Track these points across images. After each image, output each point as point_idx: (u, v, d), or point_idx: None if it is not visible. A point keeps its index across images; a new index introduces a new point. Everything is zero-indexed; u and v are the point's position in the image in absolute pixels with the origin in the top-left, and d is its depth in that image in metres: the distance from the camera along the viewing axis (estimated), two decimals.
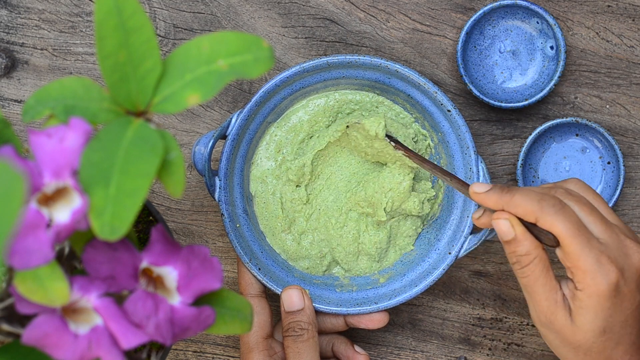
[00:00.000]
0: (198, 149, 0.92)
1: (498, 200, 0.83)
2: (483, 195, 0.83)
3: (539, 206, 0.80)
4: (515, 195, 0.82)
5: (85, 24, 1.00)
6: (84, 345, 0.68)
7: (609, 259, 0.79)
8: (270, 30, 1.00)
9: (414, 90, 0.95)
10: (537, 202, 0.80)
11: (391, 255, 0.99)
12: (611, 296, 0.80)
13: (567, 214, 0.80)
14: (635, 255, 0.81)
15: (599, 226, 0.81)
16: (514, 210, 0.82)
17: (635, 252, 0.81)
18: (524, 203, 0.81)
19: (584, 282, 0.80)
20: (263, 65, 0.70)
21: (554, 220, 0.80)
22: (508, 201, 0.82)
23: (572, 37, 1.00)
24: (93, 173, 0.66)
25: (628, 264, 0.80)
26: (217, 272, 0.72)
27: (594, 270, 0.79)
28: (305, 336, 0.93)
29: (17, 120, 1.00)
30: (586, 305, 0.80)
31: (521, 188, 0.83)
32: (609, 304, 0.80)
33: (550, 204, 0.80)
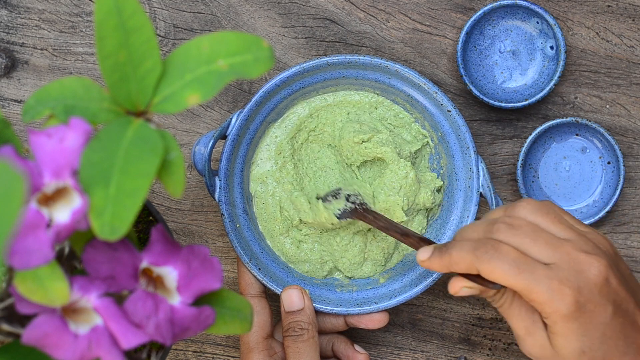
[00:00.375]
0: (198, 149, 0.92)
1: (441, 264, 0.83)
2: (427, 262, 0.84)
3: (474, 257, 0.80)
4: (453, 253, 0.81)
5: (85, 24, 1.00)
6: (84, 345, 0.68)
7: (560, 282, 0.78)
8: (270, 30, 1.00)
9: (414, 90, 0.95)
10: (472, 254, 0.80)
11: (395, 257, 0.99)
12: (575, 317, 0.78)
13: (502, 256, 0.79)
14: (590, 270, 0.79)
15: (545, 251, 0.80)
16: (457, 268, 0.82)
17: (590, 266, 0.79)
18: (461, 258, 0.81)
19: (545, 311, 0.79)
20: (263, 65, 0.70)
21: (491, 267, 0.79)
22: (449, 261, 0.82)
23: (572, 37, 1.00)
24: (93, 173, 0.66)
25: (584, 280, 0.79)
26: (217, 272, 0.72)
27: (548, 298, 0.78)
28: (305, 336, 0.93)
29: (17, 120, 1.00)
30: (556, 331, 0.80)
31: (457, 242, 0.82)
32: (577, 324, 0.79)
33: (483, 251, 0.80)
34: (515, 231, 0.80)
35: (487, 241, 0.80)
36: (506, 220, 0.81)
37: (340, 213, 0.93)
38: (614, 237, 1.01)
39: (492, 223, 0.82)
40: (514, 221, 0.81)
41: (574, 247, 0.80)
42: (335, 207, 0.93)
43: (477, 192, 0.95)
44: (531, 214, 0.82)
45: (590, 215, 0.99)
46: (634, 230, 1.01)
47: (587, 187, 1.00)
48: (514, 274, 0.79)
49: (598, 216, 0.98)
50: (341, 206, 0.93)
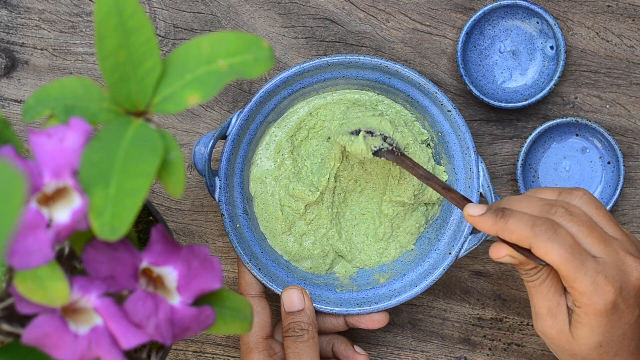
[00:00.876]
0: (198, 149, 0.92)
1: (492, 226, 0.82)
2: (477, 218, 0.83)
3: (532, 233, 0.80)
4: (509, 221, 0.81)
5: (85, 24, 1.00)
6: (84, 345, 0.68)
7: (606, 279, 0.80)
8: (270, 30, 1.00)
9: (414, 90, 0.95)
10: (530, 229, 0.80)
11: (392, 250, 0.99)
12: (608, 314, 0.80)
13: (560, 240, 0.80)
14: (634, 272, 0.81)
15: (597, 245, 0.81)
16: (508, 237, 0.81)
17: (634, 268, 0.81)
18: (518, 230, 0.81)
19: (581, 301, 0.80)
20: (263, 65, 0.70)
21: (547, 248, 0.80)
22: (502, 227, 0.81)
23: (572, 37, 1.00)
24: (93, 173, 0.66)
25: (626, 281, 0.81)
26: (217, 272, 0.72)
27: (590, 291, 0.80)
28: (306, 337, 0.93)
29: (17, 120, 1.00)
30: (583, 321, 0.81)
31: (516, 212, 0.82)
32: (606, 321, 0.81)
33: (542, 230, 0.80)
34: (573, 218, 0.81)
35: (547, 220, 0.80)
36: (564, 205, 0.82)
37: (376, 149, 0.92)
38: None
39: (550, 204, 0.82)
40: (572, 208, 0.82)
41: (621, 247, 0.82)
42: (371, 143, 0.93)
43: (477, 192, 0.95)
44: (586, 204, 0.83)
45: None
46: (634, 230, 1.01)
47: (587, 187, 1.00)
48: (566, 260, 0.79)
49: None
50: (377, 144, 0.92)
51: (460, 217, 0.96)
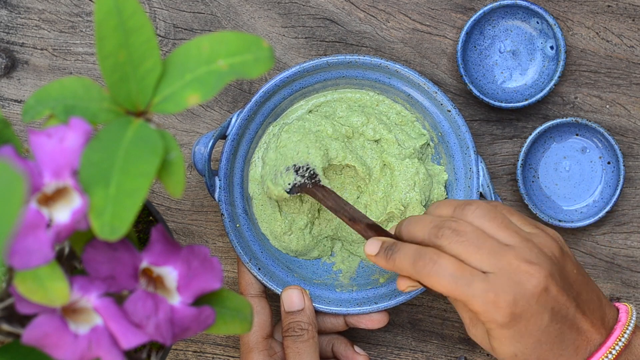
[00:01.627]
0: (198, 149, 0.92)
1: (385, 266, 0.85)
2: (374, 259, 0.86)
3: (414, 270, 0.82)
4: (396, 260, 0.84)
5: (85, 24, 1.00)
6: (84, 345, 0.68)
7: (496, 295, 0.80)
8: (270, 30, 1.00)
9: (414, 90, 0.95)
10: (412, 266, 0.82)
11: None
12: (509, 326, 0.80)
13: (441, 271, 0.81)
14: (530, 281, 0.80)
15: (486, 260, 0.81)
16: (401, 273, 0.84)
17: (530, 276, 0.80)
18: (403, 268, 0.83)
19: (481, 319, 0.81)
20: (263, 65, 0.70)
21: (430, 281, 0.81)
22: (392, 266, 0.84)
23: (572, 37, 1.00)
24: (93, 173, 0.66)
25: (521, 291, 0.80)
26: (217, 272, 0.72)
27: (484, 310, 0.80)
28: (305, 336, 0.93)
29: (17, 120, 1.00)
30: (492, 334, 0.82)
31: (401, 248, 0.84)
32: (511, 332, 0.81)
33: (422, 265, 0.81)
34: (459, 238, 0.82)
35: (427, 252, 0.82)
36: (452, 226, 0.82)
37: (290, 188, 0.93)
38: (614, 237, 1.01)
39: (439, 226, 0.83)
40: (460, 226, 0.82)
41: (516, 256, 0.81)
42: (285, 181, 0.93)
43: (477, 192, 0.95)
44: (478, 219, 0.83)
45: (590, 215, 0.99)
46: (634, 230, 1.01)
47: (587, 187, 1.00)
48: (451, 289, 0.80)
49: (598, 216, 0.98)
50: (291, 180, 0.93)
51: None
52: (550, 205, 0.99)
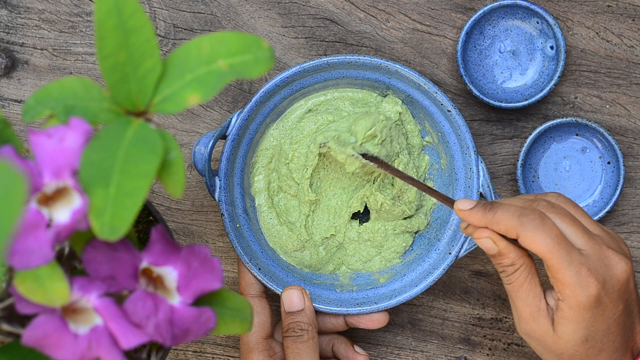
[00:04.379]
0: (198, 149, 0.92)
1: (481, 218, 0.84)
2: (467, 212, 0.85)
3: (519, 222, 0.81)
4: (497, 213, 0.83)
5: (85, 24, 1.00)
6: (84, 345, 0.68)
7: (589, 271, 0.80)
8: (270, 30, 1.00)
9: (414, 90, 0.95)
10: (517, 218, 0.81)
11: (376, 262, 0.99)
12: (591, 307, 0.81)
13: (547, 228, 0.81)
14: (617, 266, 0.81)
15: (581, 237, 0.82)
16: (496, 227, 0.83)
17: (617, 262, 0.82)
18: (505, 220, 0.82)
19: (565, 293, 0.81)
20: (263, 66, 0.70)
21: (533, 236, 0.81)
22: (490, 219, 0.83)
23: (572, 37, 1.00)
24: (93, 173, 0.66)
25: (609, 274, 0.81)
26: (217, 272, 0.72)
27: (573, 283, 0.80)
28: (305, 337, 0.93)
29: (17, 120, 1.00)
30: (567, 316, 0.82)
31: (503, 204, 0.83)
32: (590, 314, 0.81)
33: (529, 219, 0.81)
34: (556, 210, 0.82)
35: (534, 211, 0.81)
36: (547, 199, 0.83)
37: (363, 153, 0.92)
38: None
39: (534, 199, 0.83)
40: (553, 204, 0.83)
41: (603, 242, 0.82)
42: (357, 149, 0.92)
43: (477, 192, 0.95)
44: (564, 203, 0.84)
45: (591, 215, 0.99)
46: (634, 230, 1.01)
47: (587, 187, 1.00)
48: (553, 249, 0.80)
49: (598, 216, 0.98)
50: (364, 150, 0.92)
51: None
52: None
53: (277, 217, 0.97)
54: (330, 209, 0.97)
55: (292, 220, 0.97)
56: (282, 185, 0.97)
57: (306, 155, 0.95)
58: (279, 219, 0.97)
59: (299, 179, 0.96)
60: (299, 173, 0.96)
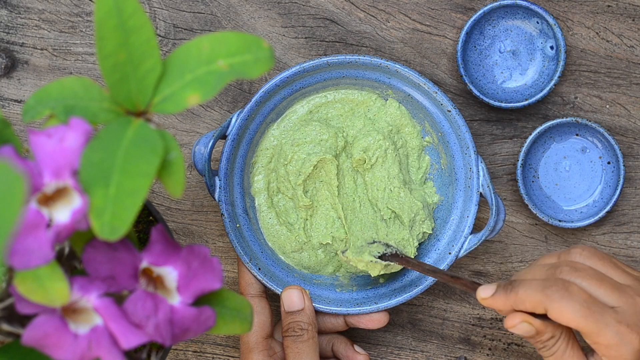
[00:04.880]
0: (198, 149, 0.92)
1: (505, 302, 0.81)
2: (490, 300, 0.81)
3: (544, 296, 0.79)
4: (520, 292, 0.80)
5: (85, 24, 1.00)
6: (84, 345, 0.68)
7: (629, 327, 0.78)
8: (270, 30, 1.00)
9: (414, 90, 0.95)
10: (542, 293, 0.79)
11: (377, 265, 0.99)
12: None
13: (574, 297, 0.78)
14: None
15: (611, 294, 0.79)
16: (523, 307, 0.80)
17: None
18: (530, 297, 0.79)
19: (609, 355, 0.79)
20: (263, 65, 0.70)
21: (562, 307, 0.78)
22: (514, 300, 0.80)
23: (572, 37, 1.00)
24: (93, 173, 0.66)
25: None
26: (217, 272, 0.72)
27: (615, 343, 0.78)
28: (305, 336, 0.93)
29: (17, 120, 1.00)
30: None
31: (524, 280, 0.80)
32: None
33: (554, 290, 0.78)
34: (580, 273, 0.80)
35: (557, 281, 0.79)
36: (569, 264, 0.80)
37: (379, 255, 0.93)
38: (614, 237, 1.01)
39: (554, 266, 0.81)
40: (577, 265, 0.80)
41: (636, 293, 0.80)
42: (375, 250, 0.93)
43: (477, 192, 0.95)
44: (588, 259, 0.82)
45: (590, 215, 0.99)
46: (634, 230, 1.01)
47: (587, 187, 1.00)
48: (584, 315, 0.78)
49: (598, 216, 0.98)
50: (381, 250, 0.94)
51: (460, 217, 0.96)
52: (550, 205, 0.99)
53: (277, 216, 0.97)
54: (328, 218, 0.97)
55: (291, 222, 0.97)
56: (280, 186, 0.97)
57: (303, 161, 0.95)
58: (279, 219, 0.97)
59: (294, 182, 0.96)
60: (295, 176, 0.96)
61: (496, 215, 0.93)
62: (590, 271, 0.80)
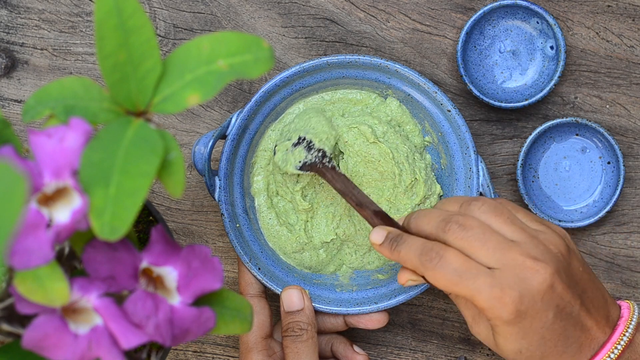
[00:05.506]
0: (198, 149, 0.92)
1: (390, 256, 0.85)
2: (378, 248, 0.86)
3: (419, 262, 0.82)
4: (401, 251, 0.84)
5: (85, 24, 1.00)
6: (84, 346, 0.68)
7: (502, 290, 0.80)
8: (270, 30, 1.00)
9: (414, 90, 0.95)
10: (418, 258, 0.82)
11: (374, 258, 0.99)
12: (515, 322, 0.80)
13: (446, 266, 0.81)
14: (535, 277, 0.80)
15: (492, 255, 0.81)
16: (405, 265, 0.84)
17: (535, 273, 0.80)
18: (409, 260, 0.83)
19: (487, 315, 0.81)
20: (263, 65, 0.70)
21: (434, 275, 0.81)
22: (397, 258, 0.84)
23: (572, 37, 1.00)
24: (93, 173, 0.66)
25: (526, 287, 0.80)
26: (217, 272, 0.72)
27: (489, 306, 0.80)
28: (305, 336, 0.93)
29: (17, 120, 1.00)
30: (497, 331, 0.82)
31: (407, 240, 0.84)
32: (517, 329, 0.81)
33: (428, 259, 0.81)
34: (465, 233, 0.82)
35: (433, 247, 0.82)
36: (459, 220, 0.82)
37: (300, 165, 0.92)
38: (614, 237, 1.01)
39: (446, 220, 0.83)
40: (467, 221, 0.82)
41: (521, 252, 0.81)
42: (296, 158, 0.93)
43: (477, 192, 0.95)
44: (484, 214, 0.83)
45: (590, 215, 0.99)
46: (634, 230, 1.01)
47: (587, 187, 1.00)
48: (455, 283, 0.80)
49: (598, 216, 0.98)
50: (302, 157, 0.93)
51: None
52: (550, 205, 0.99)
53: (277, 217, 0.97)
54: (329, 214, 0.97)
55: (292, 223, 0.97)
56: (279, 190, 0.97)
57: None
58: (279, 220, 0.97)
59: (292, 189, 0.96)
60: (292, 184, 0.96)
61: None
62: (478, 230, 0.82)
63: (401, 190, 0.95)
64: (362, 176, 0.96)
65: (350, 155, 0.96)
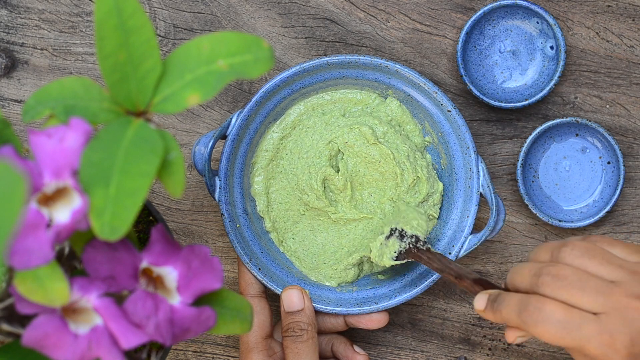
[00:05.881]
0: (198, 149, 0.92)
1: (494, 318, 0.82)
2: (482, 313, 0.83)
3: (520, 321, 0.79)
4: (502, 311, 0.80)
5: (85, 24, 1.00)
6: (84, 345, 0.68)
7: (612, 337, 0.76)
8: (270, 30, 1.00)
9: (414, 90, 0.95)
10: (518, 317, 0.79)
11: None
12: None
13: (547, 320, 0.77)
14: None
15: (594, 301, 0.77)
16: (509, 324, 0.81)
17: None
18: (510, 318, 0.80)
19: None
20: (263, 66, 0.70)
21: (538, 332, 0.78)
22: (501, 320, 0.81)
23: (572, 37, 1.00)
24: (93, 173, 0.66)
25: (636, 330, 0.76)
26: (217, 272, 0.72)
27: (601, 353, 0.76)
28: (305, 337, 0.93)
29: (17, 120, 1.00)
30: None
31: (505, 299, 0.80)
32: None
33: (527, 315, 0.78)
34: (561, 283, 0.78)
35: (530, 301, 0.78)
36: (551, 271, 0.79)
37: (396, 255, 0.93)
38: (613, 237, 1.01)
39: (538, 274, 0.79)
40: (560, 270, 0.79)
41: (625, 293, 0.77)
42: (391, 249, 0.93)
43: (477, 192, 0.95)
44: (578, 259, 0.79)
45: (590, 215, 0.99)
46: (634, 230, 1.01)
47: (587, 187, 1.00)
48: (560, 336, 0.77)
49: (598, 216, 0.98)
50: (396, 248, 0.93)
51: (460, 217, 0.96)
52: (550, 205, 0.99)
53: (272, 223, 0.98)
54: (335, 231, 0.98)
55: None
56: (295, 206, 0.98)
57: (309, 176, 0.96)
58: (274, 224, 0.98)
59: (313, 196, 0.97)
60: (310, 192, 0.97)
61: (496, 215, 0.94)
62: (574, 277, 0.78)
63: (403, 190, 0.95)
64: (362, 176, 0.96)
65: (350, 156, 0.96)
